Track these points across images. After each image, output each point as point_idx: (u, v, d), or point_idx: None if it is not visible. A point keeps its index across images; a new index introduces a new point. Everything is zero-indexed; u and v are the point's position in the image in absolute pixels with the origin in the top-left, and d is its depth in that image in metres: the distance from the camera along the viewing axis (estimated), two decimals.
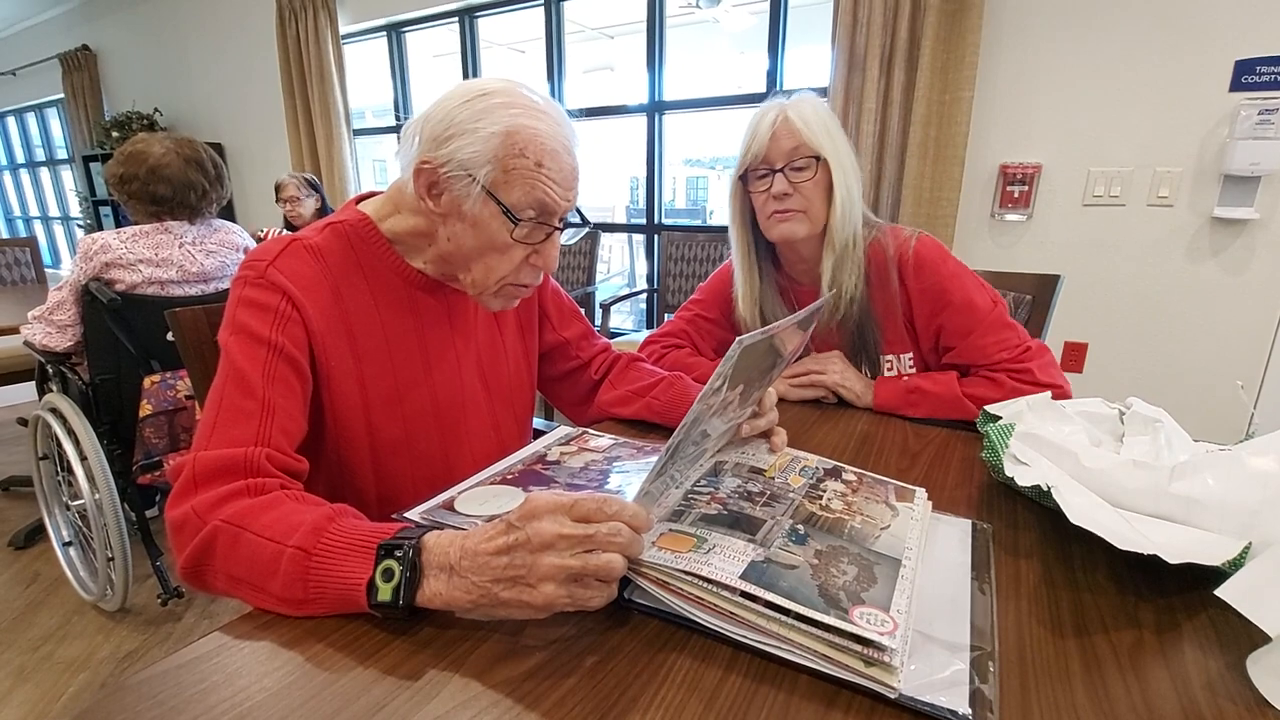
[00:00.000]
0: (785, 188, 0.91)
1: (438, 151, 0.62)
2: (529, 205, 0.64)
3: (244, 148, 4.28)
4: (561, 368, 0.93)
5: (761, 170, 0.93)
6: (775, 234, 0.95)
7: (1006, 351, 0.92)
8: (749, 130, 0.93)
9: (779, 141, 0.91)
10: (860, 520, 0.54)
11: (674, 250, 2.74)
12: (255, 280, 0.63)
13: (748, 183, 0.96)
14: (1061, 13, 1.95)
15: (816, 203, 0.93)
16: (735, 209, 1.00)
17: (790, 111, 0.91)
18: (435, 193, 0.65)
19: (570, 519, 0.43)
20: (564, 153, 0.64)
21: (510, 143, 0.61)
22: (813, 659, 0.41)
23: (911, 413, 0.93)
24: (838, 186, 0.92)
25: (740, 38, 4.61)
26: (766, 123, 0.91)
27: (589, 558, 0.42)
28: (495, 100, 0.62)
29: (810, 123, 0.90)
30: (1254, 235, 1.82)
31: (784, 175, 0.91)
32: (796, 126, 0.90)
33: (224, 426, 0.57)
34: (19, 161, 6.51)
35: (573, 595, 0.42)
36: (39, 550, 1.92)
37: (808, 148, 0.90)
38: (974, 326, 0.93)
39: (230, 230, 1.69)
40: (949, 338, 0.96)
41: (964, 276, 0.95)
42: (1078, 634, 0.46)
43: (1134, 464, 0.59)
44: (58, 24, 5.22)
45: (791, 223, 0.93)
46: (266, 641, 0.44)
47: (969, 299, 0.94)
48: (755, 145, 0.92)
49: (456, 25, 3.29)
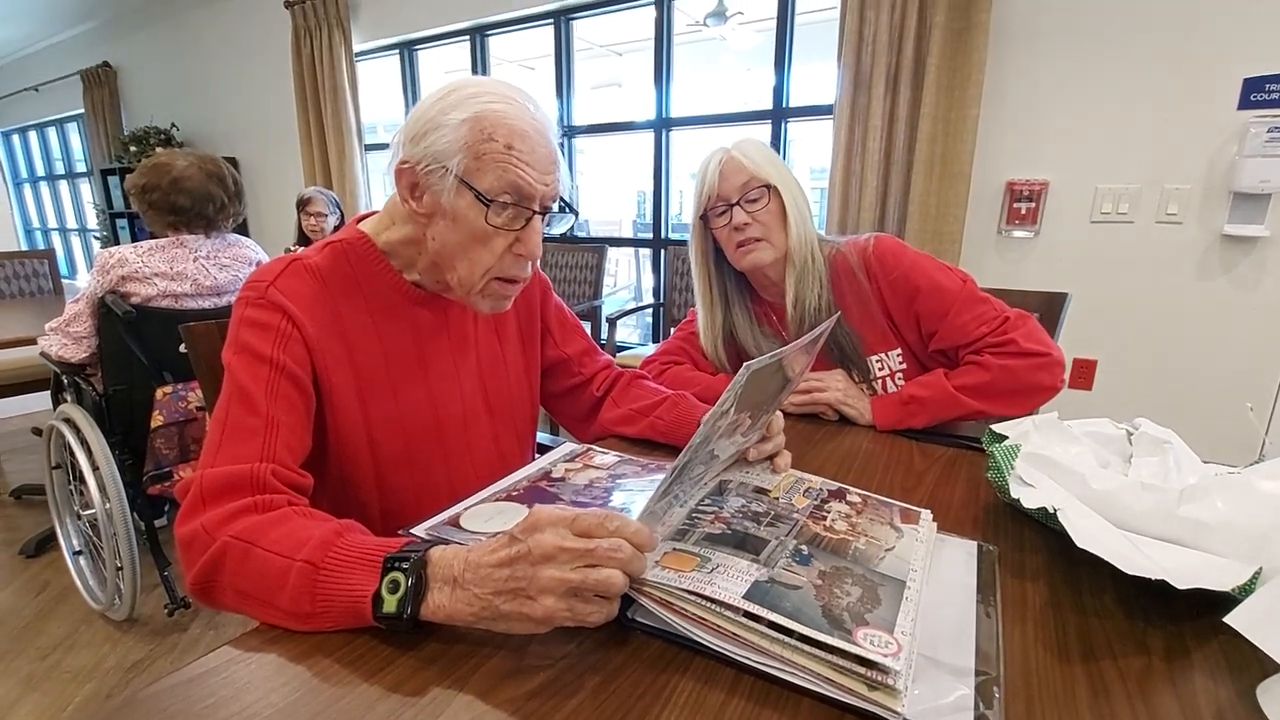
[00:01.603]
0: (744, 218, 0.97)
1: (414, 149, 0.64)
2: (503, 189, 0.64)
3: (258, 162, 4.36)
4: (563, 384, 0.93)
5: (720, 207, 0.98)
6: (745, 264, 1.00)
7: (985, 325, 0.93)
8: (700, 175, 1.00)
9: (729, 179, 0.97)
10: (865, 541, 0.54)
11: (680, 265, 2.75)
12: (256, 300, 0.65)
13: (709, 222, 1.01)
14: (1068, 30, 1.96)
15: (775, 228, 0.98)
16: (697, 249, 1.05)
17: (734, 151, 0.98)
18: (417, 193, 0.66)
19: (572, 533, 0.43)
20: (535, 135, 0.65)
21: (478, 128, 0.62)
22: (816, 682, 0.40)
23: (914, 423, 0.93)
24: (790, 209, 0.98)
25: (747, 55, 4.66)
26: (715, 164, 0.98)
27: (589, 572, 0.42)
28: (464, 92, 0.64)
29: (753, 156, 0.97)
30: (1265, 253, 1.81)
31: (741, 208, 0.97)
32: (742, 163, 0.96)
33: (229, 444, 0.58)
34: (39, 174, 6.64)
35: (572, 610, 0.42)
36: (49, 559, 1.93)
37: (756, 179, 0.96)
38: (948, 306, 0.96)
39: (244, 245, 1.72)
40: (928, 322, 0.98)
41: (924, 262, 0.99)
42: (1085, 659, 0.45)
43: (1142, 486, 0.58)
44: (80, 41, 5.36)
45: (757, 251, 0.99)
46: (274, 657, 0.45)
47: (935, 281, 0.97)
48: (708, 186, 0.98)
49: (467, 43, 3.35)
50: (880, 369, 1.02)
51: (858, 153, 2.24)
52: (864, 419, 0.97)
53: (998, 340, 0.92)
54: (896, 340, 1.02)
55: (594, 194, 5.11)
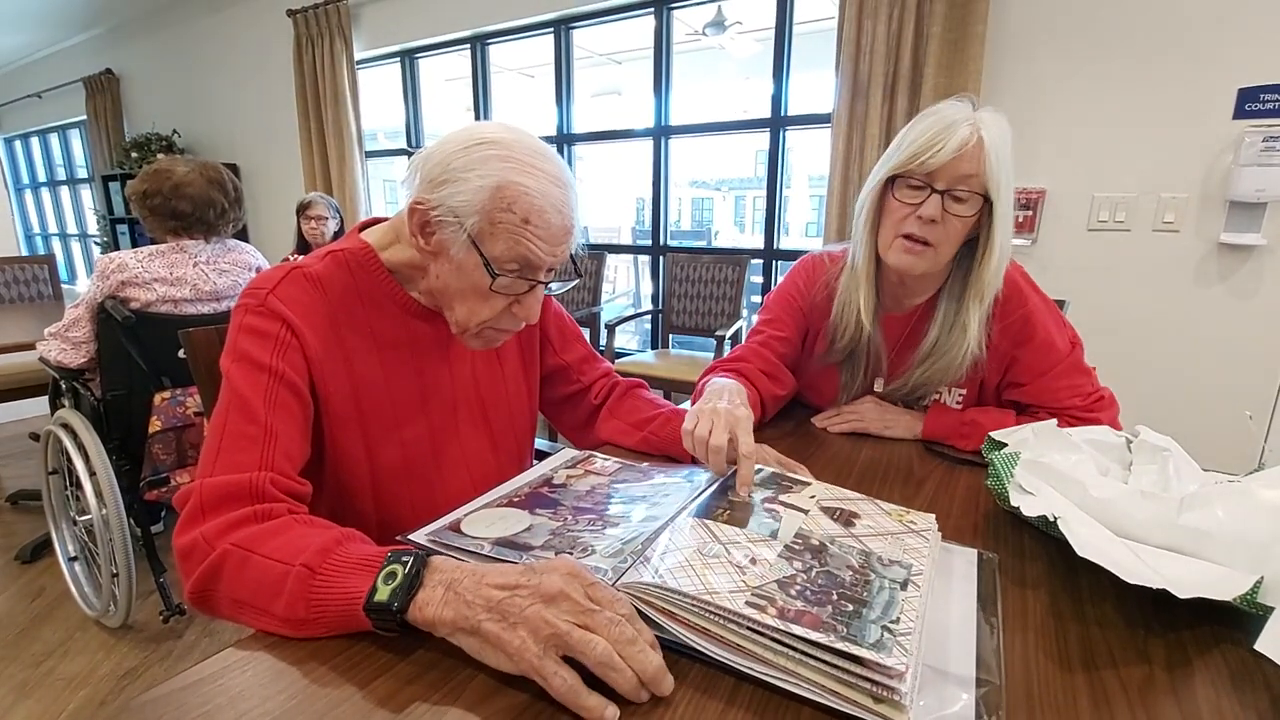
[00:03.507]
0: (935, 212, 0.80)
1: (432, 194, 0.63)
2: (511, 259, 0.64)
3: (259, 168, 4.37)
4: (562, 391, 0.93)
5: (917, 181, 0.81)
6: (894, 260, 0.85)
7: (1079, 398, 0.88)
8: (929, 133, 0.79)
9: (961, 162, 0.79)
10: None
11: (679, 271, 2.76)
12: (255, 308, 0.65)
13: (893, 186, 0.84)
14: (1064, 40, 1.98)
15: (951, 243, 0.83)
16: (871, 211, 0.88)
17: (985, 134, 0.78)
18: (427, 232, 0.65)
19: (584, 589, 0.43)
20: (553, 212, 0.64)
21: (499, 197, 0.62)
22: (821, 694, 0.40)
23: (962, 445, 0.88)
24: (998, 233, 0.81)
25: (745, 64, 4.69)
26: (958, 138, 0.78)
27: (576, 630, 0.40)
28: (491, 151, 0.63)
29: (998, 154, 0.79)
30: (1262, 261, 1.82)
31: (942, 199, 0.80)
32: (985, 157, 0.78)
33: (228, 452, 0.57)
34: (40, 180, 6.66)
35: (542, 660, 0.40)
36: (45, 565, 1.92)
37: (980, 182, 0.79)
38: (1050, 367, 0.89)
39: (243, 250, 1.72)
40: (1020, 374, 0.91)
41: (1049, 312, 0.91)
42: (1086, 669, 0.45)
43: (1142, 494, 0.58)
44: (83, 49, 5.38)
45: (915, 257, 0.83)
46: (269, 664, 0.44)
47: (1049, 337, 0.89)
48: (933, 155, 0.78)
49: (468, 51, 3.37)
50: (934, 398, 0.96)
51: (856, 160, 2.25)
52: (908, 435, 0.93)
53: (1083, 415, 0.87)
54: (971, 379, 0.93)
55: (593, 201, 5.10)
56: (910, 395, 0.97)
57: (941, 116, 0.80)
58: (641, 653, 0.41)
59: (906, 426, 0.94)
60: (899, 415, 0.95)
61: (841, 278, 0.95)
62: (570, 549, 0.52)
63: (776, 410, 1.02)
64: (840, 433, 0.96)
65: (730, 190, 8.94)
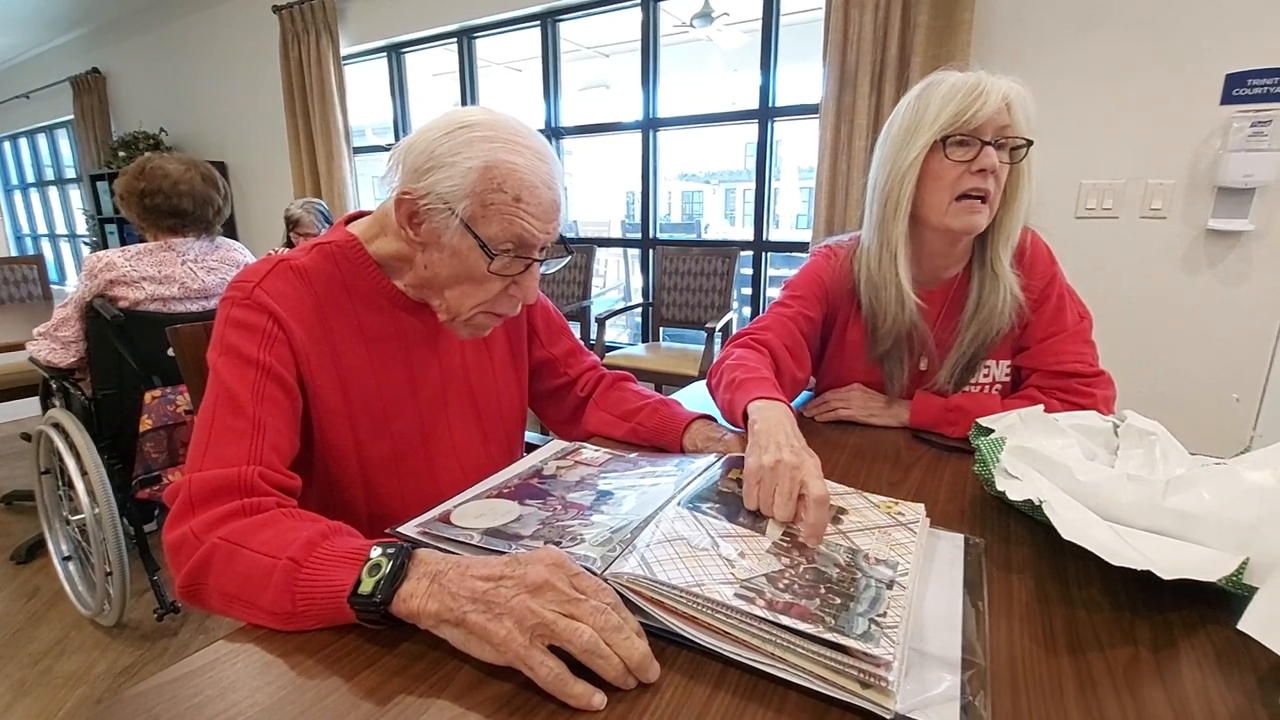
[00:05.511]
0: (995, 164, 0.78)
1: (418, 183, 0.63)
2: (506, 239, 0.64)
3: (246, 165, 4.33)
4: (549, 384, 0.93)
5: (964, 137, 0.79)
6: (959, 223, 0.81)
7: (1083, 365, 0.88)
8: (960, 92, 0.78)
9: (1000, 114, 0.78)
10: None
11: (669, 264, 2.75)
12: (242, 301, 0.64)
13: (940, 149, 0.81)
14: (1050, 27, 1.97)
15: (1000, 194, 0.82)
16: (910, 185, 0.83)
17: (1007, 85, 0.79)
18: (415, 222, 0.65)
19: (568, 579, 0.43)
20: (543, 187, 0.65)
21: (488, 177, 0.62)
22: (808, 679, 0.40)
23: (949, 432, 0.88)
24: (1025, 177, 0.82)
25: (733, 56, 4.68)
26: (997, 92, 0.77)
27: (562, 619, 0.41)
28: (475, 133, 0.62)
29: (1024, 100, 0.80)
30: (1250, 247, 1.83)
31: (999, 150, 0.79)
32: (1020, 112, 0.79)
33: (216, 446, 0.57)
34: (29, 181, 6.59)
35: (528, 649, 0.40)
36: (39, 565, 1.92)
37: (1014, 130, 0.80)
38: (1058, 330, 0.89)
39: (232, 248, 1.71)
40: (1028, 336, 0.91)
41: (1063, 280, 0.91)
42: (1071, 651, 0.46)
43: (1128, 478, 0.58)
44: (70, 48, 5.32)
45: (979, 214, 0.81)
46: (260, 656, 0.44)
47: (1064, 304, 0.90)
48: (979, 110, 0.77)
49: (455, 46, 3.34)
50: (985, 376, 0.94)
51: (844, 151, 2.25)
52: (894, 423, 0.93)
53: (1081, 388, 0.87)
54: (1008, 349, 0.92)
55: (583, 195, 5.09)
56: (966, 369, 0.92)
57: (961, 79, 0.80)
58: (627, 640, 0.41)
59: (894, 415, 0.94)
60: (886, 404, 0.96)
61: (862, 267, 0.93)
62: (559, 539, 0.52)
63: (794, 398, 0.99)
64: (827, 422, 0.97)
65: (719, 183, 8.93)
